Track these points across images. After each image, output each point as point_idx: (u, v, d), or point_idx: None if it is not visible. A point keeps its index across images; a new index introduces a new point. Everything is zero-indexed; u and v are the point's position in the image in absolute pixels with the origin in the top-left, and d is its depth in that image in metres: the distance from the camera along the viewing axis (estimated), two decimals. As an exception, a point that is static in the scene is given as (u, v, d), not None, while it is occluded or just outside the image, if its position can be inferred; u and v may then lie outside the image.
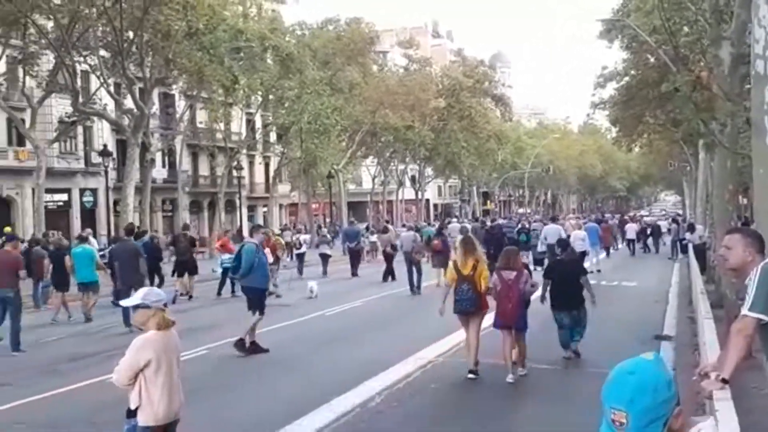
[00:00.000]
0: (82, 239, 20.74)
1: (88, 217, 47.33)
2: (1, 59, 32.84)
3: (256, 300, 13.40)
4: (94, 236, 33.57)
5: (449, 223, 47.33)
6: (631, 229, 41.24)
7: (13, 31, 31.54)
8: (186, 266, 23.18)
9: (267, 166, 64.11)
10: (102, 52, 33.13)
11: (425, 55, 69.44)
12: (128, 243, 17.66)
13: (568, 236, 20.20)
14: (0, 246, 16.17)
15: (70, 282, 19.06)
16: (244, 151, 54.08)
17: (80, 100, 34.01)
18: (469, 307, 10.78)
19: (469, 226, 30.31)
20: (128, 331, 14.99)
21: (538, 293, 11.70)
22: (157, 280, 21.40)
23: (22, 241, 20.99)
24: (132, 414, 5.43)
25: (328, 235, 36.21)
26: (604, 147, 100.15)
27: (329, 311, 18.65)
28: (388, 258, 26.89)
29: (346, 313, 18.71)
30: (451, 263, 11.29)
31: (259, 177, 64.93)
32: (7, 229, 29.03)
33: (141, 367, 5.37)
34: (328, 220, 62.20)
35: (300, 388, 10.51)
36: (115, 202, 38.90)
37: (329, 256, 30.55)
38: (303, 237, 32.94)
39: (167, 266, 23.95)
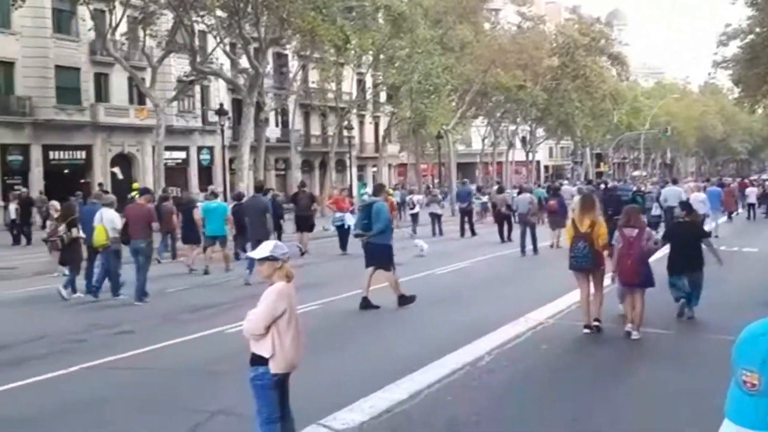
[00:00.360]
0: (214, 195, 21.61)
1: (205, 174, 48.77)
2: (123, 19, 33.95)
3: (387, 256, 13.51)
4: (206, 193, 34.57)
5: (560, 185, 46.53)
6: (752, 193, 39.59)
7: (134, -10, 32.55)
8: (307, 222, 23.76)
9: (376, 126, 64.36)
10: (219, 12, 33.79)
11: (539, 13, 67.97)
12: (258, 199, 18.23)
13: (687, 199, 19.54)
14: (129, 200, 16.90)
15: (200, 235, 19.89)
16: (355, 111, 54.45)
17: (198, 59, 34.84)
18: (584, 263, 10.75)
19: (585, 189, 29.79)
20: (247, 284, 15.51)
21: (659, 253, 11.45)
22: (275, 235, 22.02)
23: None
24: (259, 361, 5.56)
25: (439, 195, 36.27)
26: (725, 108, 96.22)
27: (439, 270, 18.67)
28: (504, 218, 26.63)
29: (456, 273, 18.68)
30: (569, 221, 11.22)
31: (369, 137, 65.28)
32: (135, 184, 30.26)
33: (277, 317, 5.49)
34: (436, 180, 62.11)
35: (410, 345, 10.57)
36: (231, 160, 39.89)
37: (440, 215, 30.72)
38: (416, 197, 33.10)
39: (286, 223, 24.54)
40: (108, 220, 14.74)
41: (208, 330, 11.48)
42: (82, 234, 15.40)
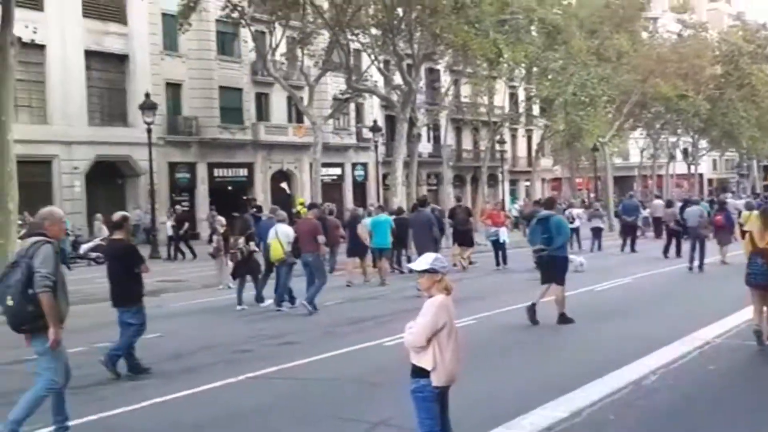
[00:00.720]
0: (381, 208, 22.42)
1: (359, 190, 49.73)
2: (282, 40, 35.19)
3: (563, 270, 13.39)
4: (364, 208, 35.15)
5: (725, 198, 44.41)
6: None
7: (293, 12, 33.62)
8: (465, 236, 23.84)
9: (529, 139, 63.67)
10: (373, 30, 34.44)
11: (700, 20, 65.32)
12: (423, 213, 18.60)
13: None
14: (295, 215, 17.59)
15: (365, 248, 20.60)
16: (507, 124, 54.02)
17: (353, 77, 35.62)
18: (762, 280, 10.29)
19: (754, 202, 28.32)
20: (416, 296, 15.65)
21: None
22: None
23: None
24: (420, 374, 5.58)
25: (601, 209, 35.53)
26: None
27: (599, 286, 18.16)
28: (673, 234, 25.56)
29: (618, 289, 18.11)
30: (747, 235, 10.70)
31: (522, 151, 64.65)
32: (300, 200, 31.28)
33: (438, 329, 5.50)
34: (592, 195, 60.67)
35: (569, 361, 10.33)
36: (384, 176, 40.41)
37: (602, 229, 30.15)
38: (575, 211, 32.44)
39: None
40: (283, 235, 15.45)
41: (367, 342, 11.63)
42: (256, 248, 16.28)
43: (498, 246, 23.57)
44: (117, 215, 10.61)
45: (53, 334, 6.75)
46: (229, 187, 42.65)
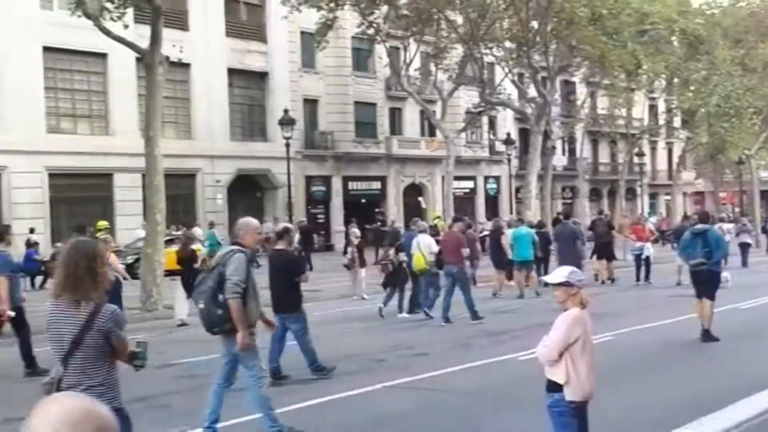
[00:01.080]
0: (521, 221, 22.74)
1: (491, 203, 49.49)
2: (416, 55, 35.54)
3: (717, 284, 13.08)
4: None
5: None
6: None
7: (427, 27, 33.91)
8: (607, 249, 23.52)
9: (670, 152, 61.64)
10: (507, 44, 34.28)
11: None
12: (567, 226, 18.50)
13: None
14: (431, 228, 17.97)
15: (505, 261, 20.66)
16: (646, 137, 52.55)
17: (486, 90, 35.55)
18: None
19: None
20: (553, 309, 15.50)
21: None
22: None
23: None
24: (554, 388, 5.53)
25: (749, 224, 34.15)
26: None
27: (744, 304, 17.36)
28: None
29: (764, 307, 17.29)
30: None
31: (662, 164, 62.69)
32: (436, 213, 31.54)
33: (570, 343, 5.45)
34: (737, 209, 58.17)
35: (714, 380, 9.95)
36: (517, 189, 40.01)
37: (749, 245, 29.05)
38: (726, 226, 31.18)
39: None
40: (425, 246, 15.73)
41: (501, 356, 11.57)
42: (405, 258, 16.62)
43: (641, 261, 23.06)
44: (279, 226, 11.30)
45: (241, 338, 7.19)
46: (363, 200, 43.29)
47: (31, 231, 26.94)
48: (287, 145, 29.72)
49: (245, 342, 7.21)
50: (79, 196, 31.75)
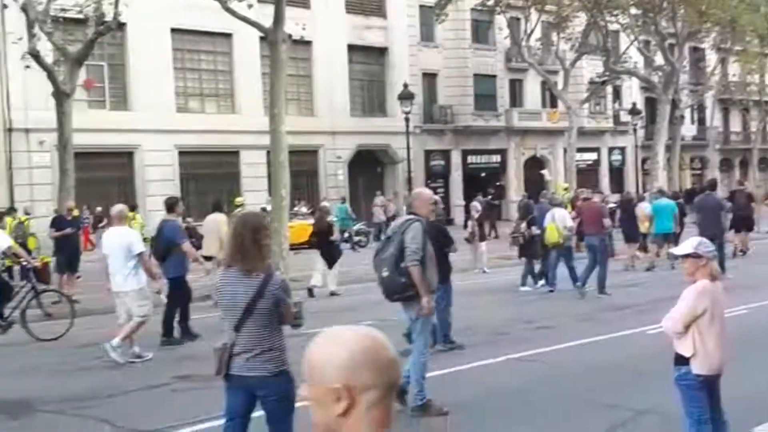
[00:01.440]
0: (661, 193, 21.95)
1: (616, 175, 48.33)
2: (537, 25, 34.95)
3: None
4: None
5: None
6: None
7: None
8: (746, 221, 22.75)
9: (808, 119, 58.57)
10: (633, 10, 33.26)
11: None
12: (711, 196, 17.94)
13: None
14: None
15: (638, 234, 20.33)
16: (781, 104, 50.10)
17: (611, 59, 34.65)
18: None
19: None
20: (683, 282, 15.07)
21: None
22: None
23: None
24: (681, 362, 5.44)
25: None
26: None
27: None
28: None
29: None
30: None
31: (799, 132, 59.66)
32: (564, 185, 31.07)
33: (697, 316, 5.35)
34: None
35: None
36: (643, 161, 38.91)
37: None
38: None
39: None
40: (560, 219, 15.66)
41: (628, 330, 11.37)
42: (538, 231, 16.50)
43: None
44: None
45: (426, 302, 7.46)
46: (482, 174, 43.02)
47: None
48: (407, 120, 29.81)
49: (430, 306, 7.49)
50: (208, 173, 32.83)
